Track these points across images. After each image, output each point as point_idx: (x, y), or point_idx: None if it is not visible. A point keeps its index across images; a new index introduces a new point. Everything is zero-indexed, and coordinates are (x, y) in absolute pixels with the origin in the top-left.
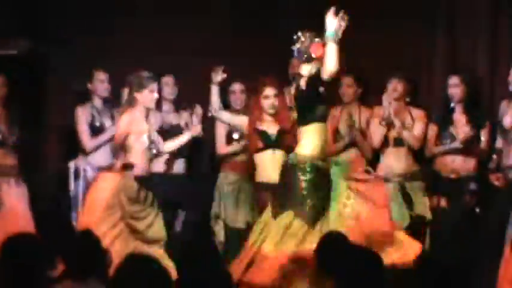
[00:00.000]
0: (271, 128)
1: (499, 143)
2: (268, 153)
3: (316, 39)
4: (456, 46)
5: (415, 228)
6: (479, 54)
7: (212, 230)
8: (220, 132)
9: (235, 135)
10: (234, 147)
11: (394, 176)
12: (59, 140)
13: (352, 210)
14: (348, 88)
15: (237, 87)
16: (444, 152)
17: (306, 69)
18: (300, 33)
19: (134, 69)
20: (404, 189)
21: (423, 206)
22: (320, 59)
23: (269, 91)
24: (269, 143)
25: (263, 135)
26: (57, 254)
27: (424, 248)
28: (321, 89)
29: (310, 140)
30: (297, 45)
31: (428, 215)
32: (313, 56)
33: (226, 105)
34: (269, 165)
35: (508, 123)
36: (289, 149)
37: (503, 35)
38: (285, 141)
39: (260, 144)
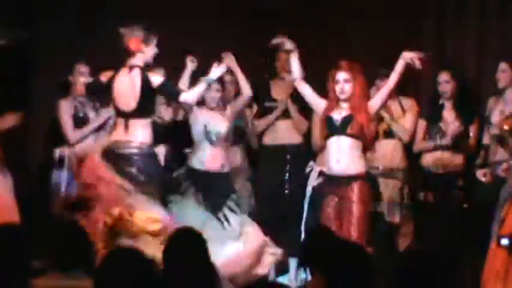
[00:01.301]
0: (341, 114)
1: (486, 139)
2: (333, 140)
3: (136, 33)
4: (444, 44)
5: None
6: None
7: None
8: None
9: None
10: None
11: (384, 169)
12: (43, 129)
13: None
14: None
15: (226, 78)
16: (433, 148)
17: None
18: (122, 29)
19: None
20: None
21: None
22: (137, 52)
23: (340, 75)
24: (332, 129)
25: (328, 121)
26: (43, 245)
27: (411, 243)
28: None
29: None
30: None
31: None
32: (132, 50)
33: None
34: (334, 153)
35: (495, 119)
36: (357, 136)
37: (491, 33)
38: (353, 128)
39: (325, 131)
